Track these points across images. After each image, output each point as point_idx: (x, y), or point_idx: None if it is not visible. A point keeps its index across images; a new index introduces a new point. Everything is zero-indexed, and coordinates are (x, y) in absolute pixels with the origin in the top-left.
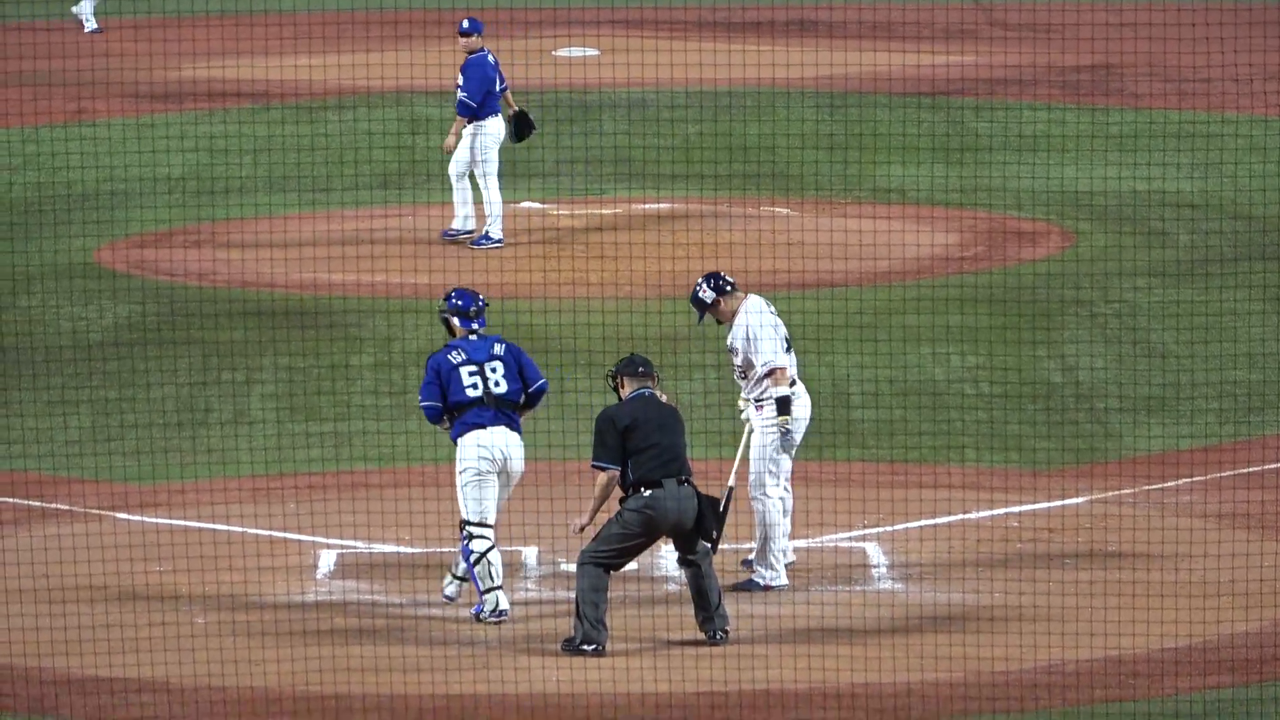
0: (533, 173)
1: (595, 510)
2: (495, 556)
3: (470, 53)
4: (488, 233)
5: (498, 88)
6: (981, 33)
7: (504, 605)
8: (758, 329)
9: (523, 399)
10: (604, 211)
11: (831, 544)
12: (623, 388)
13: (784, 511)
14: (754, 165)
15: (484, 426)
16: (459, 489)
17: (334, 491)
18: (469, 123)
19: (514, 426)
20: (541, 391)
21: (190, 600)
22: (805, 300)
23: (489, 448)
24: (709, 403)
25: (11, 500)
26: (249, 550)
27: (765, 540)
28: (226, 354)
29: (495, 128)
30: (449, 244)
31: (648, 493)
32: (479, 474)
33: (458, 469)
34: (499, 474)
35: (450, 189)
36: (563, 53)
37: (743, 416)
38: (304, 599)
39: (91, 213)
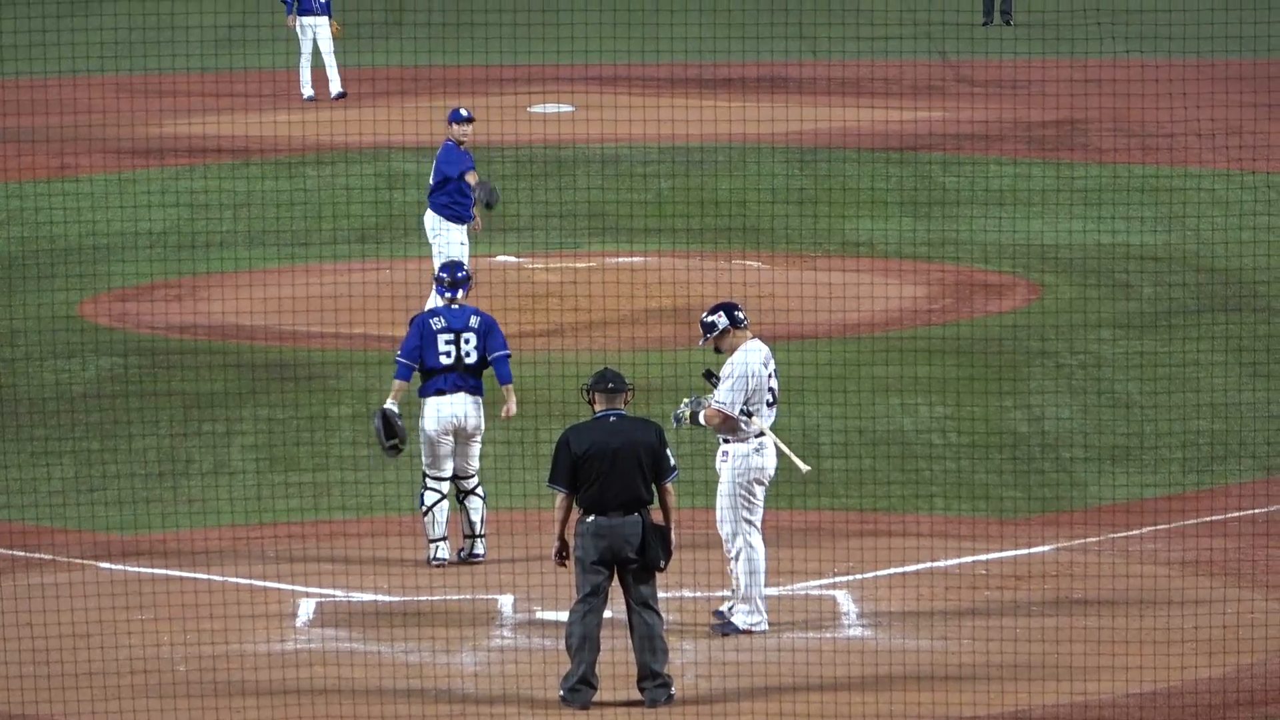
0: (508, 227)
1: (559, 530)
2: (441, 511)
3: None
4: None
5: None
6: (949, 89)
7: (441, 554)
8: (739, 366)
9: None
10: (578, 265)
11: (802, 592)
12: (595, 403)
13: (751, 561)
14: (725, 219)
15: (445, 393)
16: (421, 443)
17: (313, 541)
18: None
19: (474, 390)
20: (500, 361)
21: (172, 648)
22: (777, 352)
23: (446, 414)
24: (682, 453)
25: None
26: (229, 599)
27: (747, 586)
28: (207, 405)
29: None
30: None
31: (590, 518)
32: (434, 435)
33: (420, 424)
34: (455, 434)
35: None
36: (538, 109)
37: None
38: (284, 647)
39: (74, 266)
